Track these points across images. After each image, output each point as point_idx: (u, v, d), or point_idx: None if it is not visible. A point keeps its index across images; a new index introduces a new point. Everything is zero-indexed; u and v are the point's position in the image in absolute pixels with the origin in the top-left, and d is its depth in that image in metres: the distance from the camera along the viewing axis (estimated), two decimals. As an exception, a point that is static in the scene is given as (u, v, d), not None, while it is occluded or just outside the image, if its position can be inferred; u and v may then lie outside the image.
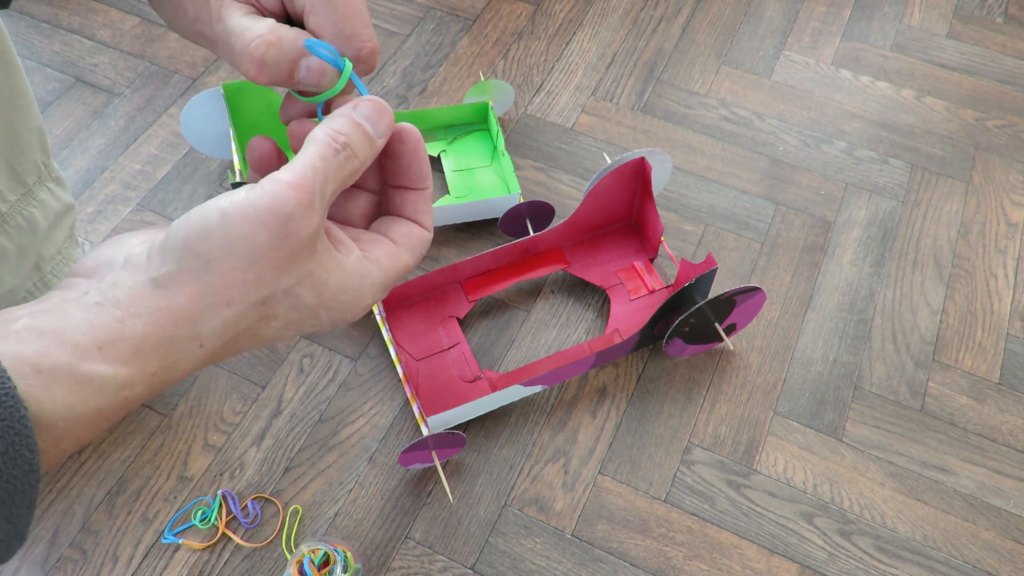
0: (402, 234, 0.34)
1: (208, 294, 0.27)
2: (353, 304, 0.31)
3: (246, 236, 0.27)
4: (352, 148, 0.30)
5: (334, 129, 0.30)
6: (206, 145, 0.95)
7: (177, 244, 0.27)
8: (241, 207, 0.27)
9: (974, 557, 0.75)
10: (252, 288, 0.28)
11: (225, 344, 0.29)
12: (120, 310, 0.26)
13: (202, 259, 0.27)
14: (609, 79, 1.10)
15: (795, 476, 0.79)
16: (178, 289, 0.27)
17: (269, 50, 0.31)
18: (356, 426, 0.81)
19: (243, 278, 0.28)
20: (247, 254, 0.27)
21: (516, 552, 0.74)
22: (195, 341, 0.28)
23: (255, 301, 0.28)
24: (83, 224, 0.95)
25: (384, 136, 0.32)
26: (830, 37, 1.16)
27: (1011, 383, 0.85)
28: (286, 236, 0.28)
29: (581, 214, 0.87)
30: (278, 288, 0.29)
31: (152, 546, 0.74)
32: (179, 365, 0.28)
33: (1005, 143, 1.05)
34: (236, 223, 0.27)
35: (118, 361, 0.26)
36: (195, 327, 0.28)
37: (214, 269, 0.27)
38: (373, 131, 0.31)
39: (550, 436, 0.81)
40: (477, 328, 0.88)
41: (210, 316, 0.28)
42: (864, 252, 0.94)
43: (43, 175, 0.63)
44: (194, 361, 0.28)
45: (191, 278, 0.27)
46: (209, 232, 0.27)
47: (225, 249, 0.27)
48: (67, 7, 1.16)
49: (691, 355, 0.86)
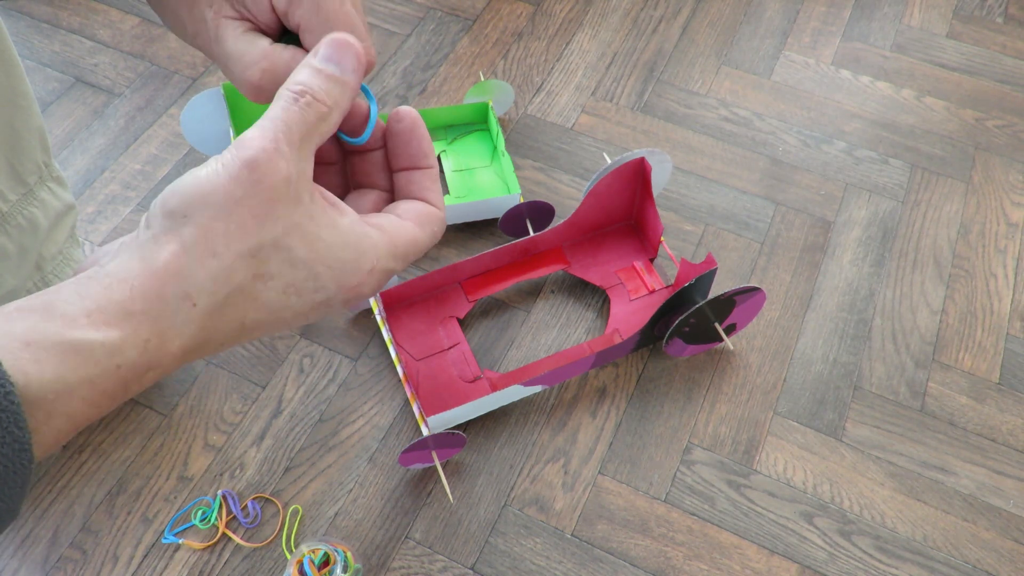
0: (406, 209, 0.34)
1: (191, 247, 0.28)
2: (356, 264, 0.31)
3: (218, 188, 0.28)
4: (312, 93, 0.30)
5: (292, 81, 0.31)
6: (206, 145, 0.95)
7: (156, 211, 0.29)
8: (210, 166, 0.28)
9: (974, 557, 0.75)
10: (236, 237, 0.28)
11: (220, 305, 0.29)
12: (109, 278, 0.27)
13: (179, 216, 0.28)
14: (609, 79, 1.10)
15: (795, 476, 0.79)
16: (162, 247, 0.28)
17: (264, 76, 0.32)
18: (356, 426, 0.81)
19: (224, 227, 0.28)
20: (223, 204, 0.28)
21: (516, 552, 0.74)
22: (187, 300, 0.28)
23: (242, 251, 0.28)
24: (83, 224, 0.95)
25: (355, 71, 0.32)
26: (830, 37, 1.16)
27: (1011, 383, 0.85)
28: (257, 182, 0.28)
29: (581, 214, 0.87)
30: (265, 238, 0.29)
31: (152, 546, 0.74)
32: (173, 329, 0.28)
33: (1005, 143, 1.05)
34: (208, 179, 0.28)
35: (107, 325, 0.26)
36: (183, 283, 0.28)
37: (192, 221, 0.28)
38: (337, 70, 0.31)
39: (550, 436, 0.81)
40: (477, 328, 0.88)
41: (196, 269, 0.28)
42: (864, 252, 0.94)
43: (44, 175, 0.63)
44: (189, 323, 0.28)
45: (172, 236, 0.28)
46: (183, 191, 0.28)
47: (201, 203, 0.28)
48: (67, 7, 1.16)
49: (691, 355, 0.86)
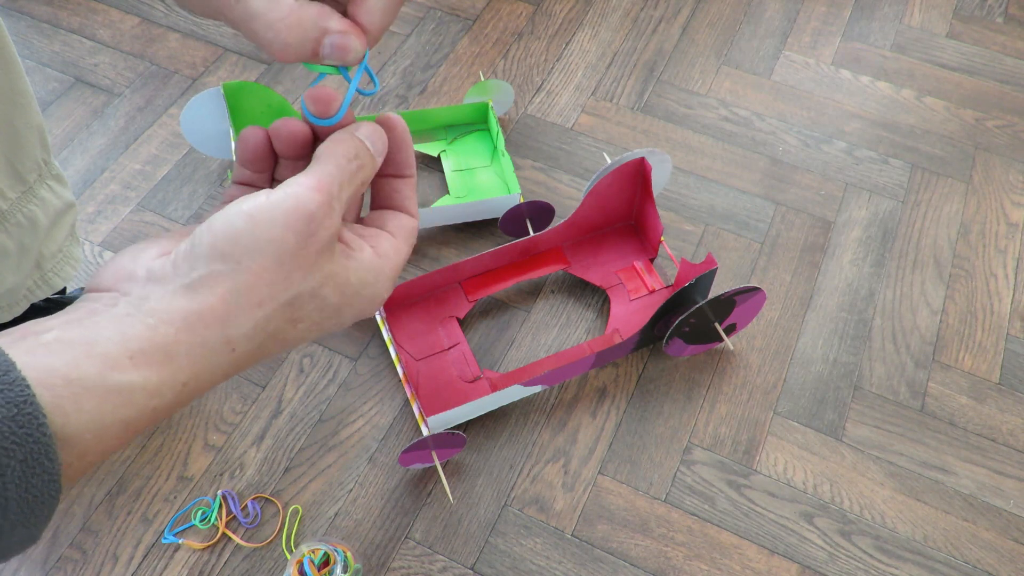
0: (398, 227, 0.35)
1: (239, 294, 0.28)
2: (371, 300, 0.33)
3: (273, 237, 0.28)
4: (360, 160, 0.32)
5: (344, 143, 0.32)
6: (206, 145, 0.95)
7: (204, 249, 0.28)
8: (266, 209, 0.28)
9: (974, 557, 0.75)
10: (281, 288, 0.28)
11: (253, 350, 0.29)
12: (152, 318, 0.27)
13: (231, 261, 0.28)
14: (609, 79, 1.10)
15: (795, 476, 0.79)
16: (210, 291, 0.27)
17: (292, 33, 0.32)
18: (356, 426, 0.81)
19: (272, 278, 0.28)
20: (275, 254, 0.28)
21: (516, 552, 0.74)
22: (227, 345, 0.28)
23: (284, 302, 0.29)
24: (83, 224, 0.95)
25: (382, 154, 0.34)
26: (830, 37, 1.16)
27: (1011, 383, 0.85)
28: (310, 236, 0.28)
29: (581, 214, 0.87)
30: (304, 289, 0.29)
31: (152, 546, 0.74)
32: (209, 373, 0.28)
33: (1005, 143, 1.05)
34: (263, 225, 0.28)
35: (149, 368, 0.26)
36: (226, 330, 0.28)
37: (244, 270, 0.28)
38: (373, 149, 0.33)
39: (550, 436, 0.81)
40: (477, 328, 0.88)
41: (241, 318, 0.28)
42: (864, 252, 0.94)
43: (43, 173, 0.63)
44: (224, 368, 0.29)
45: (222, 279, 0.27)
46: (237, 235, 0.28)
47: (254, 250, 0.28)
48: (67, 7, 1.16)
49: (691, 355, 0.86)
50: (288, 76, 1.09)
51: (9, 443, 0.22)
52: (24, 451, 0.23)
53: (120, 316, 0.27)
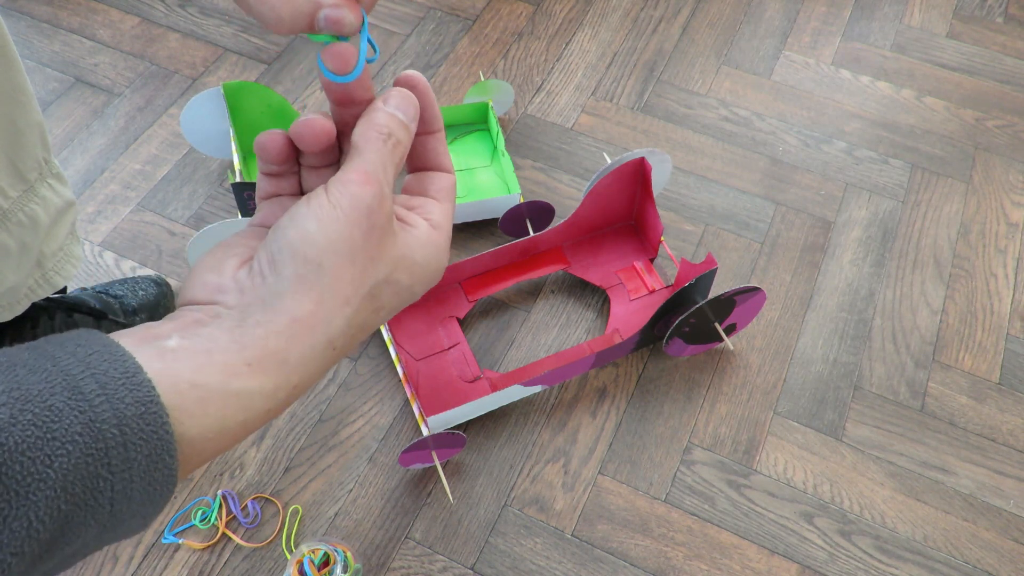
0: (439, 189, 0.37)
1: (329, 296, 0.30)
2: (436, 271, 0.35)
3: (343, 235, 0.30)
4: (395, 135, 0.33)
5: (378, 124, 0.33)
6: (206, 145, 0.95)
7: (287, 256, 0.30)
8: (330, 211, 0.30)
9: (974, 557, 0.75)
10: (360, 282, 0.31)
11: (348, 342, 0.31)
12: (261, 328, 0.29)
13: (313, 263, 0.30)
14: (609, 79, 1.10)
15: (795, 476, 0.79)
16: (303, 297, 0.29)
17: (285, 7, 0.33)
18: (356, 426, 0.81)
19: (350, 275, 0.30)
20: (348, 251, 0.30)
21: (516, 552, 0.74)
22: (329, 344, 0.30)
23: (365, 294, 0.31)
24: (83, 224, 0.95)
25: (415, 120, 0.35)
26: (830, 37, 1.16)
27: (1011, 383, 0.85)
28: (372, 227, 0.30)
29: (581, 214, 0.87)
30: (380, 277, 0.31)
31: (152, 546, 0.74)
32: (316, 371, 0.31)
33: (1005, 143, 1.05)
34: (331, 225, 0.30)
35: (265, 375, 0.29)
36: (327, 331, 0.30)
37: (327, 271, 0.30)
38: (405, 117, 0.34)
39: (550, 436, 0.81)
40: (477, 328, 0.88)
41: (335, 317, 0.30)
42: (864, 252, 0.94)
43: (44, 171, 0.63)
44: (327, 364, 0.31)
45: (310, 284, 0.30)
46: (312, 238, 0.29)
47: (330, 250, 0.30)
48: (67, 7, 1.16)
49: (691, 355, 0.86)
50: (288, 76, 1.09)
51: (137, 439, 0.25)
52: (149, 447, 0.25)
53: (230, 327, 0.29)
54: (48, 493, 0.23)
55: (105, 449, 0.24)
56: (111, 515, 0.25)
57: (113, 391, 0.25)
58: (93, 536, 0.25)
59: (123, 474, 0.25)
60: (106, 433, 0.24)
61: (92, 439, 0.24)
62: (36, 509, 0.23)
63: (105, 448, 0.24)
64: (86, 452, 0.24)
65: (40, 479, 0.23)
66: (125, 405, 0.25)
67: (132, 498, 0.25)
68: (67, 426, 0.24)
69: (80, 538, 0.25)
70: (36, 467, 0.23)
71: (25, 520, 0.23)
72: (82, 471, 0.24)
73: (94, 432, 0.24)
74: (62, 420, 0.24)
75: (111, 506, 0.25)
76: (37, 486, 0.23)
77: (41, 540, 0.23)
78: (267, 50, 1.12)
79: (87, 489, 0.24)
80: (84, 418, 0.24)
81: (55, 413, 0.24)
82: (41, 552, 0.24)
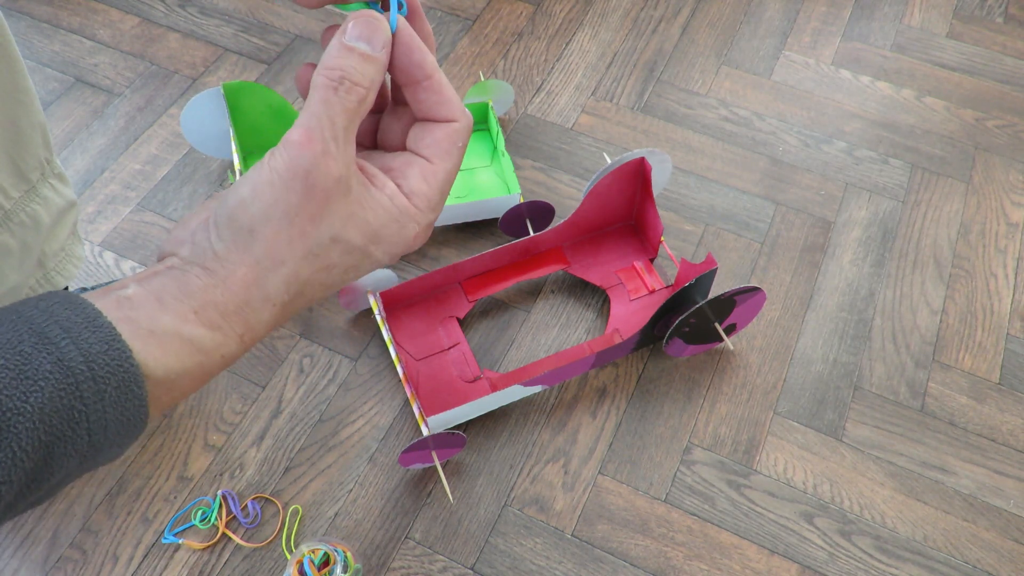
0: (429, 144, 0.33)
1: (261, 259, 0.31)
2: (401, 235, 0.33)
3: (277, 200, 0.30)
4: (350, 78, 0.30)
5: (326, 67, 0.30)
6: (206, 145, 0.95)
7: (224, 221, 0.31)
8: (266, 175, 0.30)
9: (974, 557, 0.75)
10: (298, 243, 0.31)
11: (293, 299, 0.32)
12: (200, 280, 0.30)
13: (245, 229, 0.30)
14: (609, 79, 1.10)
15: (795, 476, 0.79)
16: (238, 259, 0.31)
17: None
18: (356, 426, 0.81)
19: (286, 237, 0.30)
20: (283, 215, 0.30)
21: (516, 552, 0.74)
22: (267, 302, 0.31)
23: (304, 253, 0.31)
24: (83, 224, 0.95)
25: (385, 47, 0.31)
26: (830, 37, 1.16)
27: (1011, 383, 0.85)
28: (312, 188, 0.30)
29: (581, 214, 0.87)
30: (322, 237, 0.31)
31: (152, 546, 0.74)
32: (259, 324, 0.32)
33: (1005, 143, 1.05)
34: (265, 190, 0.30)
35: (210, 325, 0.30)
36: (263, 290, 0.31)
37: (258, 237, 0.30)
38: (369, 48, 0.31)
39: (550, 436, 0.81)
40: (477, 328, 0.88)
41: (271, 277, 0.31)
42: (864, 252, 0.94)
43: (46, 171, 0.63)
44: (272, 317, 0.32)
45: (243, 248, 0.31)
46: (245, 204, 0.30)
47: (262, 216, 0.30)
48: (67, 7, 1.16)
49: (691, 355, 0.86)
50: (288, 76, 1.09)
51: (105, 372, 0.27)
52: (117, 378, 0.27)
53: (177, 277, 0.30)
54: (28, 425, 0.25)
55: (76, 383, 0.26)
56: (90, 444, 0.27)
57: (77, 334, 0.27)
58: (75, 465, 0.28)
59: (96, 405, 0.27)
60: (75, 369, 0.26)
61: (63, 375, 0.26)
62: (19, 439, 0.25)
63: (76, 383, 0.26)
64: (58, 387, 0.26)
65: (18, 413, 0.25)
66: (90, 344, 0.27)
67: (107, 427, 0.27)
68: (37, 366, 0.26)
69: (63, 467, 0.27)
70: (13, 403, 0.25)
71: (9, 451, 0.25)
72: (57, 404, 0.26)
73: (64, 369, 0.26)
74: (31, 362, 0.26)
75: (88, 436, 0.27)
76: (16, 419, 0.25)
77: (26, 468, 0.25)
78: (267, 50, 1.12)
79: (64, 420, 0.26)
80: (52, 358, 0.26)
81: (24, 357, 0.26)
82: (28, 481, 0.26)
